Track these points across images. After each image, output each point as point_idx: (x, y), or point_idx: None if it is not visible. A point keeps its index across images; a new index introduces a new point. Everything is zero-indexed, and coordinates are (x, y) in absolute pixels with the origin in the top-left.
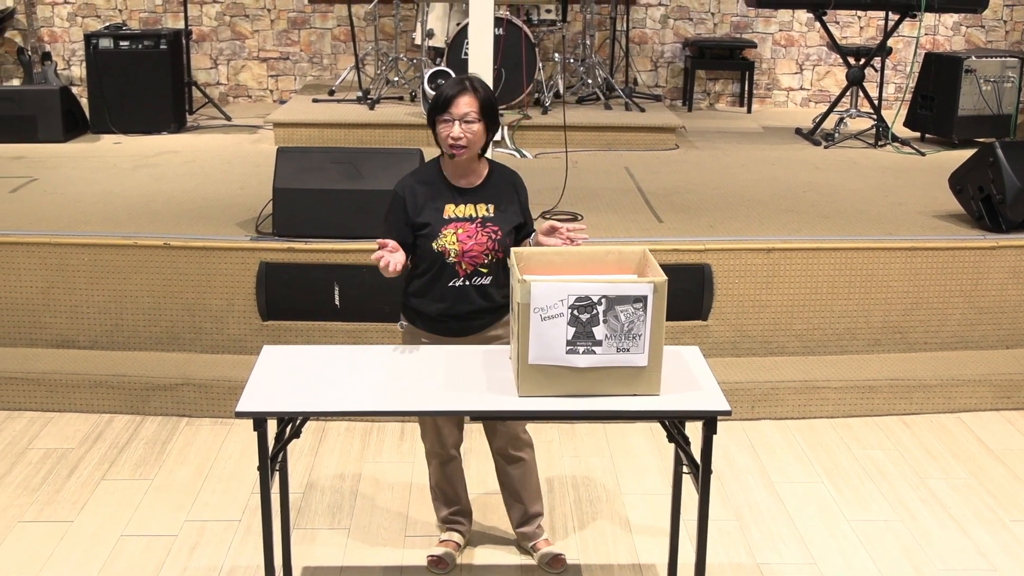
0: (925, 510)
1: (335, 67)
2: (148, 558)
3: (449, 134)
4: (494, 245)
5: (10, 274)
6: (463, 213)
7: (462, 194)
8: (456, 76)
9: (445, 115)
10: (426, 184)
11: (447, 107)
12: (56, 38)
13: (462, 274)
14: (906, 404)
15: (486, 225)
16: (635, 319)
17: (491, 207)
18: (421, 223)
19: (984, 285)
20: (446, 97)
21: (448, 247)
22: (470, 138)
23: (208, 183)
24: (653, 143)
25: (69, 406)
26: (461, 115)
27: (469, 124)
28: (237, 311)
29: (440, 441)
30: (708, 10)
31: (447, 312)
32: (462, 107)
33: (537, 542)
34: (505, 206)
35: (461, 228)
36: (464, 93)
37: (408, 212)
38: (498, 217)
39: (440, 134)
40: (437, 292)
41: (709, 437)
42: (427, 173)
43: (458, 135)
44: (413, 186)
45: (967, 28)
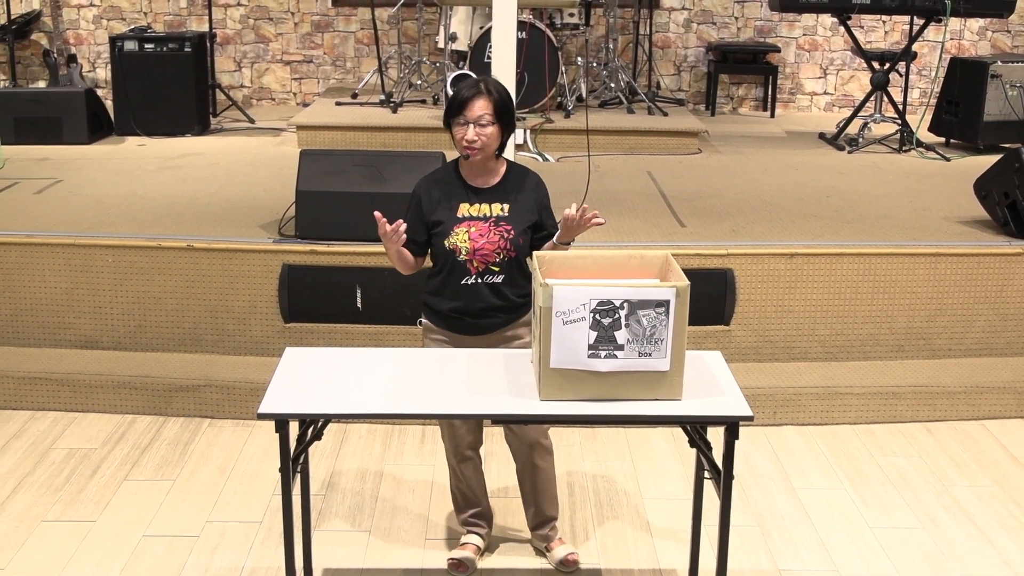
0: (948, 518)
1: (358, 70)
2: (170, 559)
3: (463, 136)
4: (506, 244)
5: (35, 275)
6: (477, 212)
7: (477, 193)
8: (472, 78)
9: (459, 118)
10: (443, 183)
11: (461, 110)
12: (81, 40)
13: (473, 272)
14: (930, 411)
15: (499, 224)
16: (657, 324)
17: (505, 207)
18: (435, 221)
19: (1009, 291)
20: (460, 100)
21: (459, 245)
22: (484, 141)
23: (231, 185)
24: (676, 147)
25: (92, 406)
26: (475, 118)
27: (483, 127)
28: (260, 313)
29: (454, 442)
30: (732, 14)
31: (460, 310)
32: (476, 110)
33: (551, 543)
34: (520, 205)
35: (474, 227)
36: (479, 96)
37: (423, 210)
38: (512, 216)
39: (455, 136)
40: (451, 290)
41: (731, 442)
42: (445, 173)
43: (472, 138)
44: (430, 185)
45: (993, 33)
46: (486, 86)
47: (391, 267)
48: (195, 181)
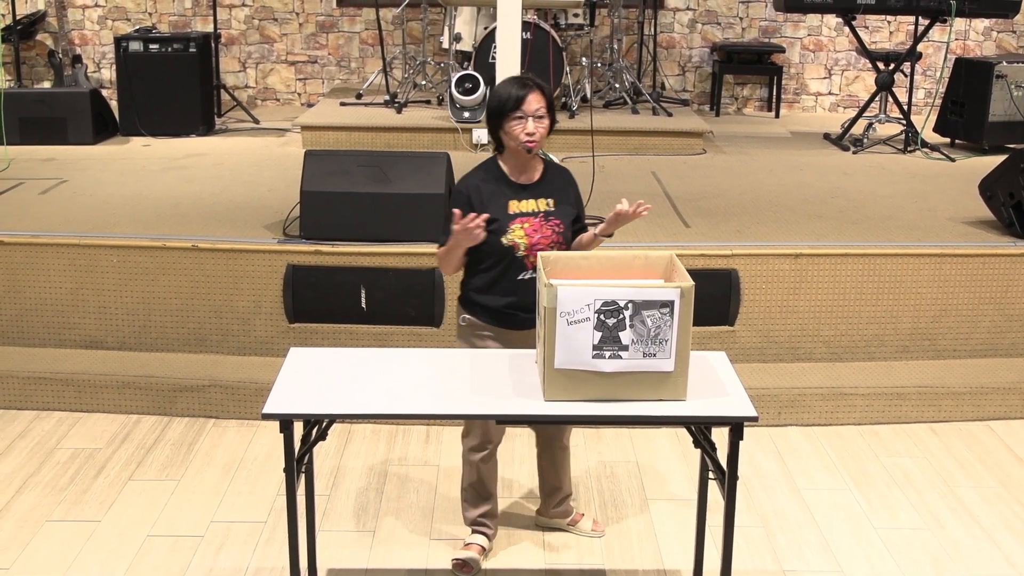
0: (953, 519)
1: (363, 71)
2: (174, 559)
3: (524, 130)
4: (559, 238)
5: (40, 275)
6: (527, 208)
7: (523, 190)
8: (511, 76)
9: (518, 113)
10: (489, 182)
11: (519, 105)
12: (86, 41)
13: (529, 267)
14: (935, 412)
15: (549, 219)
16: (662, 324)
17: (550, 201)
18: (491, 219)
19: (1014, 292)
20: (517, 96)
21: (517, 241)
22: (542, 132)
23: (236, 186)
24: (680, 148)
25: (97, 406)
26: (533, 111)
27: (540, 120)
28: (264, 313)
29: (486, 436)
30: (736, 14)
31: (516, 305)
32: (533, 104)
33: (574, 516)
34: (562, 200)
35: (527, 223)
36: (533, 90)
37: (474, 209)
38: (558, 211)
39: (512, 131)
40: (505, 286)
41: (735, 443)
42: (488, 171)
43: (532, 131)
44: (477, 184)
45: (998, 33)
46: (534, 81)
47: (395, 267)
48: (200, 181)
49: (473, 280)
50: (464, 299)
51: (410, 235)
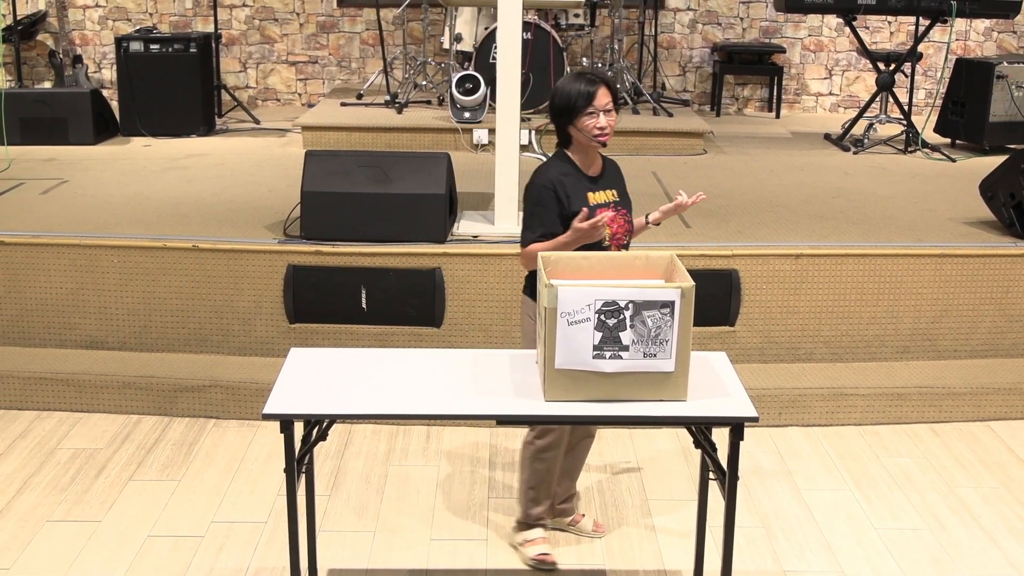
0: (954, 519)
1: (363, 71)
2: (175, 559)
3: (596, 124)
4: (629, 227)
5: (40, 275)
6: (601, 199)
7: (595, 182)
8: (576, 72)
9: (589, 108)
10: (569, 176)
11: (590, 101)
12: (87, 41)
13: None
14: (935, 412)
15: (619, 208)
16: (662, 324)
17: (615, 191)
18: (577, 211)
19: (1015, 292)
20: (588, 92)
21: (604, 232)
22: (612, 126)
23: (237, 186)
24: (681, 148)
25: (98, 407)
26: (603, 106)
27: (609, 113)
28: (265, 314)
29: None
30: (737, 15)
31: None
32: (603, 99)
33: (575, 516)
34: (621, 190)
35: (605, 213)
36: (601, 85)
37: (561, 203)
38: (623, 200)
39: (585, 127)
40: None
41: (736, 443)
42: (563, 167)
43: (605, 124)
44: (560, 179)
45: (999, 34)
46: (599, 76)
47: (396, 268)
48: (200, 182)
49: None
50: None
51: (411, 235)
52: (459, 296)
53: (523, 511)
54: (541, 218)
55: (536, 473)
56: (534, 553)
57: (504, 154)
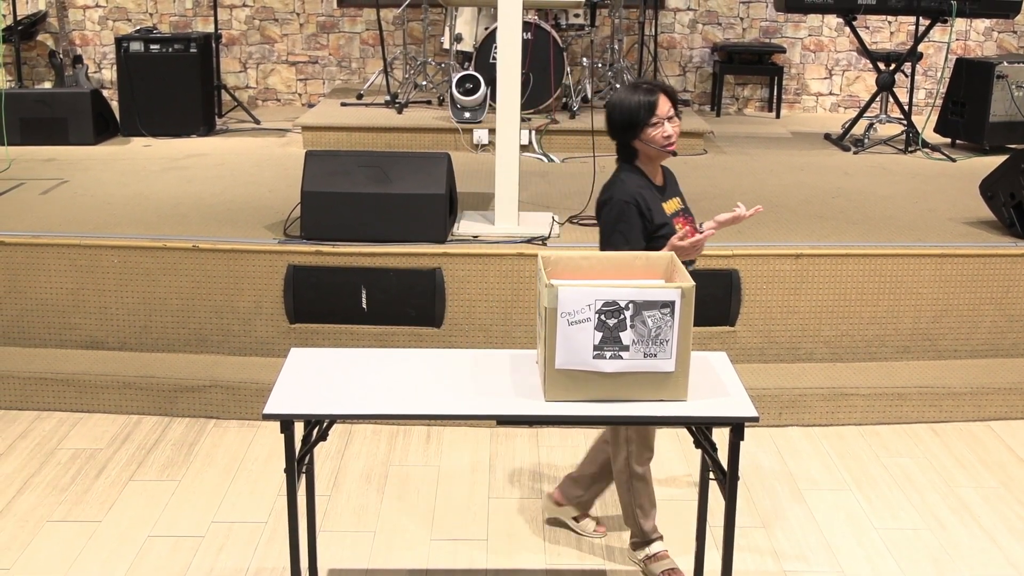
0: (954, 519)
1: (363, 71)
2: (175, 559)
3: (663, 134)
4: (695, 234)
5: (40, 275)
6: (672, 208)
7: (664, 192)
8: (630, 84)
9: (653, 118)
10: (645, 188)
11: (654, 110)
12: (87, 41)
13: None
14: (935, 412)
15: (687, 216)
16: (662, 324)
17: (679, 199)
18: (660, 224)
19: (1015, 292)
20: (650, 102)
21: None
22: (678, 132)
23: (237, 186)
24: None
25: (98, 407)
26: (666, 113)
27: (673, 119)
28: (265, 314)
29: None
30: (737, 15)
31: None
32: (664, 106)
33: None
34: (682, 197)
35: (679, 222)
36: (660, 93)
37: (644, 217)
38: (687, 207)
39: (653, 138)
40: None
41: (736, 443)
42: (635, 178)
43: (670, 132)
44: (640, 192)
45: (999, 33)
46: (656, 84)
47: (396, 268)
48: (200, 182)
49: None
50: None
51: (411, 235)
52: (459, 296)
53: (637, 528)
54: (625, 235)
55: (638, 491)
56: (662, 569)
57: (504, 154)
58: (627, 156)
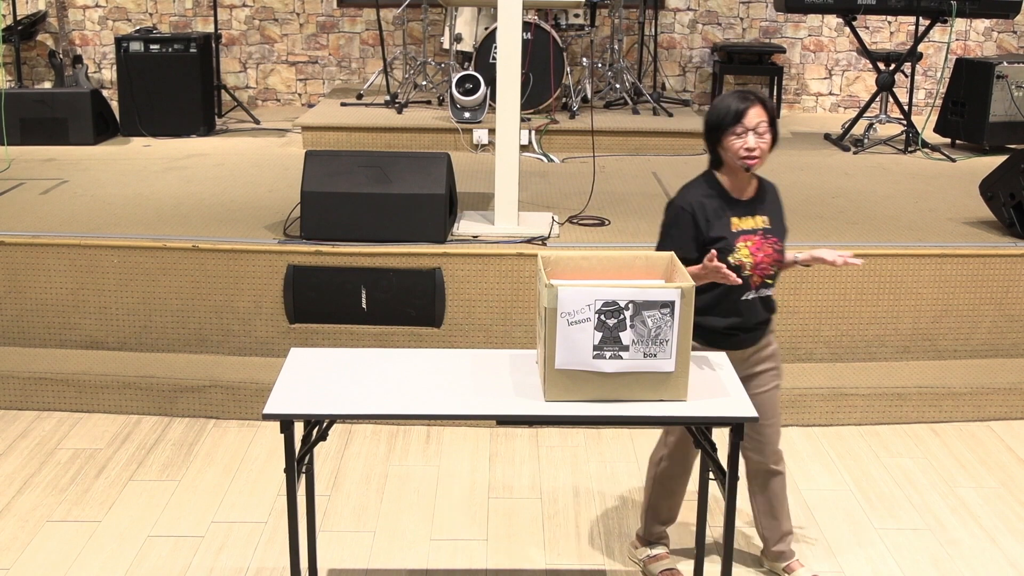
0: (955, 519)
1: (363, 71)
2: (175, 559)
3: (744, 146)
4: (779, 256)
5: (40, 275)
6: (747, 225)
7: (743, 206)
8: (733, 91)
9: (737, 127)
10: (712, 198)
11: (739, 119)
12: (87, 41)
13: (753, 287)
14: (935, 412)
15: (767, 236)
16: (662, 324)
17: (766, 218)
18: (714, 237)
19: (1015, 292)
20: (737, 110)
21: (743, 260)
22: (763, 148)
23: (237, 186)
24: (681, 148)
25: (98, 407)
26: (754, 126)
27: (761, 135)
28: (265, 314)
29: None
30: (737, 15)
31: (737, 325)
32: (754, 118)
33: (791, 563)
34: (776, 217)
35: (750, 240)
36: (754, 104)
37: (699, 228)
38: (774, 228)
39: (731, 147)
40: (728, 306)
41: (736, 443)
42: (707, 188)
43: (753, 146)
44: (701, 201)
45: (999, 34)
46: (756, 95)
47: (396, 268)
48: (200, 182)
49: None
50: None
51: (411, 235)
52: (459, 296)
53: (644, 527)
54: (674, 239)
55: (657, 494)
56: (659, 570)
57: (504, 154)
58: (713, 161)
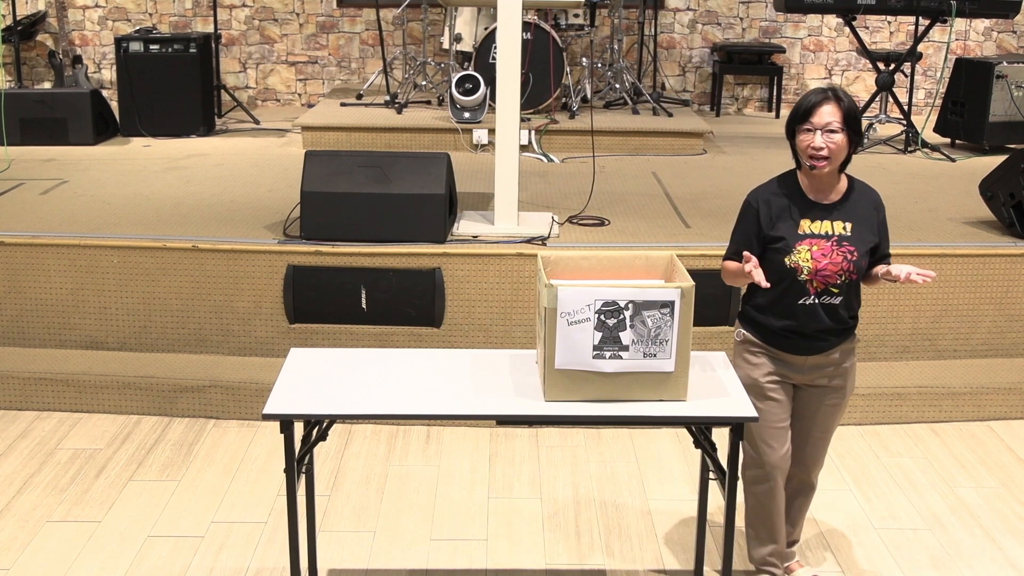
0: (954, 519)
1: (363, 71)
2: (175, 559)
3: (810, 144)
4: (849, 266)
5: (40, 275)
6: (819, 230)
7: (819, 210)
8: (816, 87)
9: (806, 124)
10: (782, 196)
11: (808, 116)
12: (87, 41)
13: (812, 292)
14: (935, 412)
15: (842, 244)
16: (662, 324)
17: (848, 225)
18: (774, 236)
19: (1015, 292)
20: (808, 106)
21: (801, 264)
22: (832, 149)
23: (236, 186)
24: (681, 148)
25: (97, 407)
26: (823, 124)
27: (831, 134)
28: (264, 314)
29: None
30: (737, 15)
31: (793, 329)
32: (824, 116)
33: (791, 563)
34: (863, 225)
35: (816, 245)
36: (827, 102)
37: (760, 224)
38: (855, 237)
39: (799, 144)
40: (784, 308)
41: (736, 443)
42: (783, 186)
43: (819, 145)
44: (768, 198)
45: (998, 33)
46: (834, 93)
47: (396, 268)
48: (200, 182)
49: (754, 296)
50: (743, 313)
51: (410, 235)
52: (459, 296)
53: (748, 551)
54: (736, 233)
55: (749, 507)
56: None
57: (504, 154)
58: (795, 159)
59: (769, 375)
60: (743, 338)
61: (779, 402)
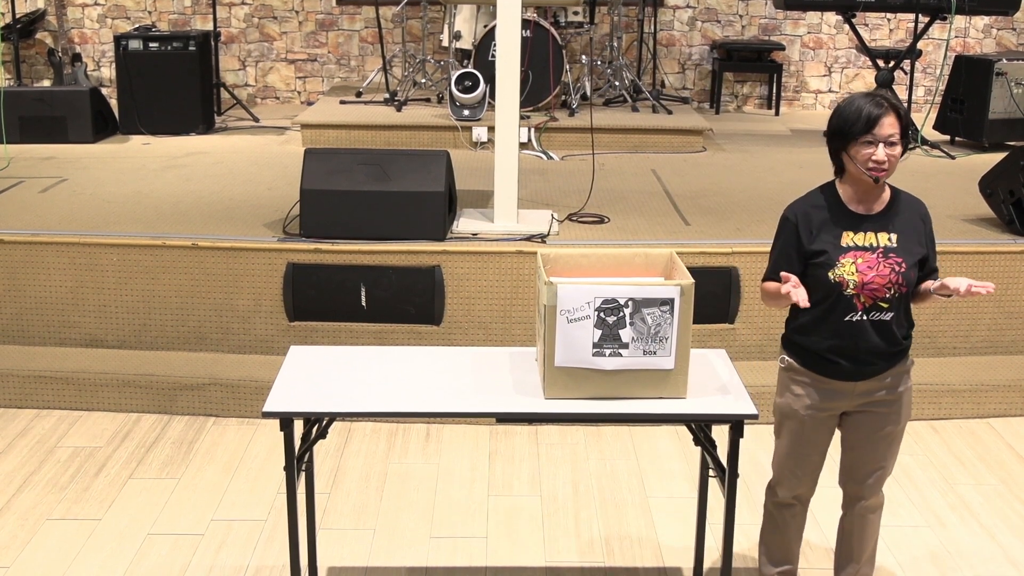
0: (954, 517)
1: (362, 69)
2: (174, 557)
3: (872, 157)
4: (898, 278)
5: (40, 274)
6: (863, 242)
7: (862, 221)
8: (864, 93)
9: (868, 136)
10: (821, 209)
11: (871, 128)
12: (86, 39)
13: (860, 308)
14: (935, 409)
15: (888, 256)
16: (662, 322)
17: (894, 236)
18: (815, 251)
19: (1014, 289)
20: (871, 117)
21: (846, 278)
22: (892, 161)
23: (236, 184)
24: (680, 146)
25: (97, 405)
26: (886, 136)
27: (892, 147)
28: (264, 312)
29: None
30: (736, 12)
31: (839, 350)
32: (887, 128)
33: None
34: (908, 236)
35: (860, 258)
36: (889, 113)
37: (801, 239)
38: (901, 248)
39: (858, 156)
40: (830, 327)
41: (736, 441)
42: (821, 198)
43: (882, 159)
44: (807, 211)
45: (998, 31)
46: (891, 102)
47: (395, 266)
48: (200, 180)
49: (797, 317)
50: (785, 338)
51: (410, 233)
52: (458, 294)
53: (759, 568)
54: (774, 251)
55: (766, 525)
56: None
57: (503, 152)
58: (836, 169)
59: (810, 408)
60: (787, 364)
61: (816, 440)
